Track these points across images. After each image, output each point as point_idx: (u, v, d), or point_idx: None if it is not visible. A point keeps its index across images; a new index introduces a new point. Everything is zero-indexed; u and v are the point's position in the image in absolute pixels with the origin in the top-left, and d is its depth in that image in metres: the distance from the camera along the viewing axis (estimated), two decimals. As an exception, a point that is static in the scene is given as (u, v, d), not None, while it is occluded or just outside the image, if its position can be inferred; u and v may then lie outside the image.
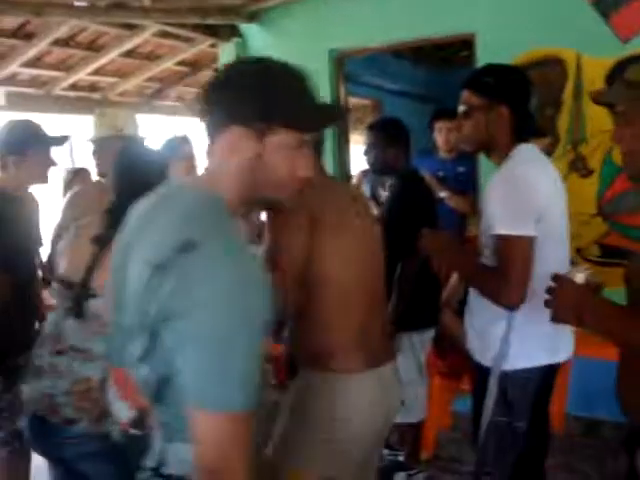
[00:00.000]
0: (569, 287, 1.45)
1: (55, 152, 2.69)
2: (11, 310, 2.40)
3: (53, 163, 2.63)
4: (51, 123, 5.94)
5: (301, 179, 1.22)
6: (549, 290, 1.50)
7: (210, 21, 4.72)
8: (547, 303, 1.49)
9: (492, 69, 2.16)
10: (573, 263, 1.59)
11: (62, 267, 2.05)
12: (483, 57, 3.97)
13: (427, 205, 3.10)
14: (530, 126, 2.09)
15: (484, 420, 2.08)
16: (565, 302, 1.46)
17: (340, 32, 4.57)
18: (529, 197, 1.92)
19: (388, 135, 3.13)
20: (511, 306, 1.93)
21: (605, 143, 3.64)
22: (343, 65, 4.79)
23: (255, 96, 1.17)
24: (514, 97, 2.05)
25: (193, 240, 1.05)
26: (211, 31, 4.95)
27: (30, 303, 2.58)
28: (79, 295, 1.93)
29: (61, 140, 2.67)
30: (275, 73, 1.23)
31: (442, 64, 6.91)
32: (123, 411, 1.24)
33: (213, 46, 5.41)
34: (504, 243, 1.92)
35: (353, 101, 6.14)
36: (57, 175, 4.21)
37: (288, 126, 1.17)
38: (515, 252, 1.89)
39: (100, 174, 2.83)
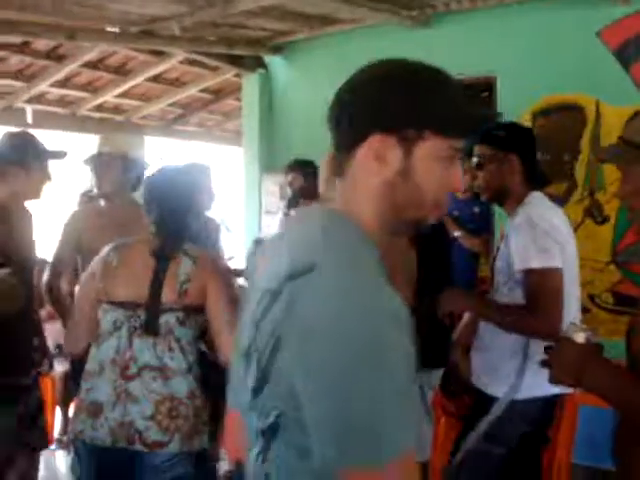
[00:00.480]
0: (569, 348, 1.41)
1: (54, 167, 2.63)
2: (12, 324, 2.23)
3: (49, 178, 2.56)
4: (74, 143, 6.06)
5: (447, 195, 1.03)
6: (547, 349, 1.46)
7: (236, 52, 4.82)
8: (544, 363, 1.45)
9: (501, 124, 2.32)
10: (571, 323, 1.56)
11: (114, 288, 1.98)
12: (503, 99, 4.02)
13: (441, 245, 3.10)
14: (538, 174, 2.25)
15: (467, 443, 2.18)
16: (565, 364, 1.41)
17: (363, 68, 4.64)
18: (553, 234, 2.06)
19: None
20: (550, 336, 1.92)
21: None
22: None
23: (405, 97, 0.98)
24: (523, 147, 2.21)
25: (309, 263, 0.91)
26: (236, 61, 5.06)
27: (30, 318, 2.46)
28: (152, 312, 1.92)
29: (59, 155, 2.64)
30: (425, 72, 1.05)
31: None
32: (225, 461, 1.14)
33: (237, 76, 5.51)
34: (537, 276, 2.02)
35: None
36: (72, 197, 4.25)
37: (442, 132, 0.97)
38: (550, 283, 2.01)
39: (102, 195, 2.82)
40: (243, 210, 5.46)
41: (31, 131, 2.80)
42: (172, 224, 2.02)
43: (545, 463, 3.18)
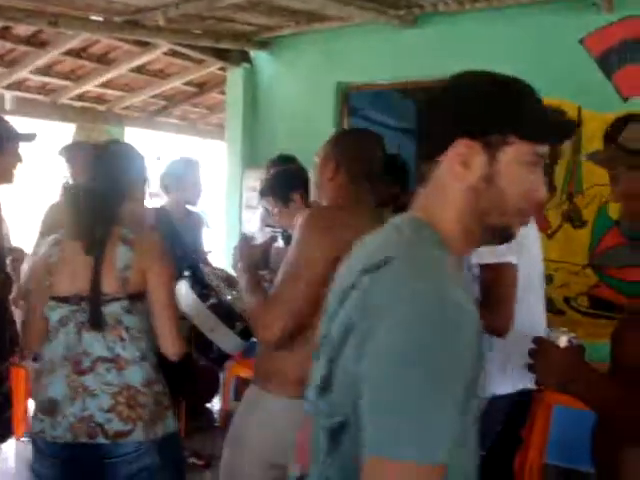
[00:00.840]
0: (553, 352, 1.42)
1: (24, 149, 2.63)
2: None
3: (20, 160, 2.57)
4: (55, 131, 5.98)
5: (535, 202, 1.02)
6: (531, 353, 1.47)
7: (221, 45, 4.79)
8: (530, 367, 1.46)
9: None
10: (550, 327, 1.57)
11: (58, 284, 1.92)
12: (487, 103, 4.04)
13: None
14: None
15: None
16: (549, 367, 1.41)
17: (348, 66, 4.65)
18: None
19: (390, 171, 3.16)
20: (501, 333, 2.00)
21: (600, 196, 3.70)
22: (349, 99, 4.86)
23: (490, 103, 1.00)
24: None
25: (383, 258, 0.92)
26: (221, 55, 5.03)
27: (3, 307, 2.40)
28: (95, 304, 1.86)
29: (30, 137, 2.62)
30: (508, 80, 1.06)
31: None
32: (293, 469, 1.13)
33: (222, 69, 5.48)
34: (491, 272, 2.02)
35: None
36: (56, 187, 4.20)
37: (528, 137, 0.98)
38: (502, 279, 2.01)
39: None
40: (224, 205, 5.43)
41: (10, 118, 2.76)
42: (99, 207, 1.94)
43: (517, 464, 3.21)
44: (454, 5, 4.02)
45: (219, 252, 5.02)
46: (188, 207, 3.56)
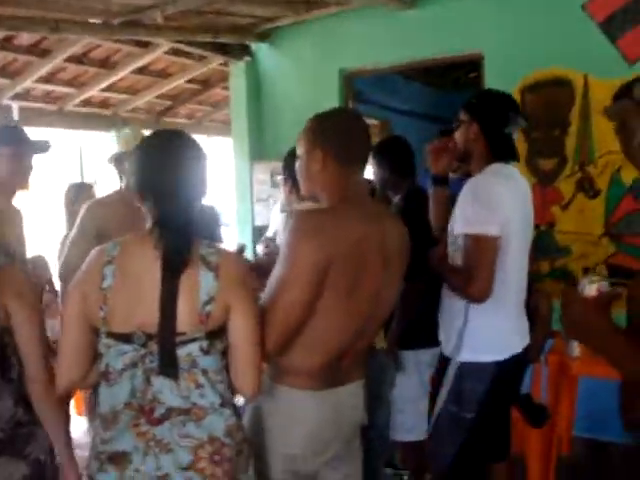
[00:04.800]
0: (575, 304, 1.42)
1: (39, 159, 2.66)
2: None
3: (31, 167, 2.55)
4: (63, 138, 6.02)
5: None
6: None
7: (221, 40, 4.79)
8: (560, 319, 1.46)
9: (485, 92, 2.46)
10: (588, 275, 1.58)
11: (115, 316, 1.51)
12: (490, 77, 4.01)
13: (424, 222, 3.09)
14: (504, 149, 2.30)
15: (437, 407, 2.29)
16: (571, 320, 1.43)
17: (350, 52, 4.63)
18: (494, 204, 2.13)
19: (393, 155, 3.14)
20: (477, 299, 2.12)
21: (613, 164, 3.66)
22: (353, 84, 4.84)
23: None
24: (485, 117, 2.28)
25: None
26: (222, 50, 5.02)
27: None
28: (167, 347, 1.51)
29: (45, 146, 2.65)
30: None
31: (451, 85, 6.96)
32: None
33: (224, 65, 5.48)
34: (471, 241, 2.12)
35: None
36: (60, 189, 4.23)
37: None
38: (481, 249, 2.10)
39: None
40: (235, 200, 5.44)
41: (18, 128, 2.81)
42: (182, 216, 1.53)
43: (546, 435, 3.21)
44: (452, -18, 3.99)
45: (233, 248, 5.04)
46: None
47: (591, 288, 1.41)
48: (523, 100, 3.91)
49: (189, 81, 6.14)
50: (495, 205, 2.14)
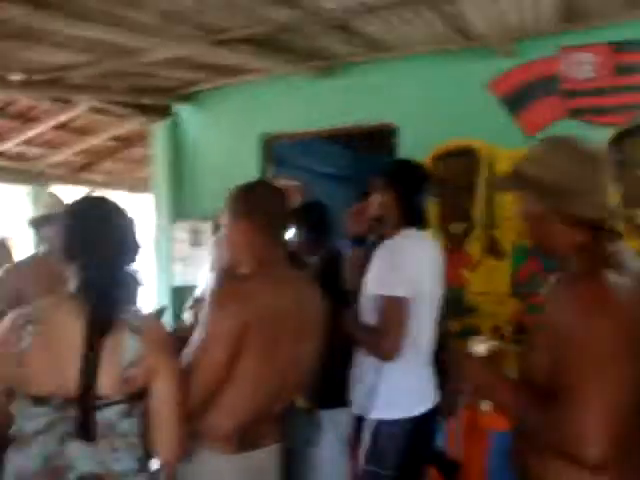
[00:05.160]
0: (467, 361, 1.55)
1: None
2: None
3: None
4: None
5: None
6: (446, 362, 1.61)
7: (144, 101, 4.84)
8: (447, 376, 1.59)
9: (402, 162, 2.62)
10: (475, 334, 1.72)
11: (32, 379, 1.47)
12: (404, 146, 4.24)
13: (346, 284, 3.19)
14: (416, 215, 2.46)
15: (359, 468, 2.35)
16: (463, 376, 1.55)
17: (270, 117, 4.78)
18: (405, 267, 2.26)
19: (310, 219, 3.24)
20: (388, 357, 2.22)
21: (515, 228, 3.91)
22: (272, 148, 4.98)
23: None
24: (402, 185, 2.44)
25: None
26: (143, 109, 5.07)
27: None
28: (86, 411, 1.47)
29: None
30: None
31: (371, 149, 7.24)
32: None
33: (146, 123, 5.52)
34: (382, 302, 2.24)
35: (281, 182, 6.30)
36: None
37: None
38: (392, 309, 2.22)
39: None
40: (154, 258, 5.39)
41: None
42: (110, 281, 1.55)
43: (459, 492, 3.29)
44: (368, 55, 4.23)
45: (150, 307, 4.97)
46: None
47: (480, 347, 1.53)
48: (435, 168, 4.14)
49: (110, 138, 6.13)
50: (405, 268, 2.26)
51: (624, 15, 3.61)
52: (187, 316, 2.99)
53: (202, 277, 4.02)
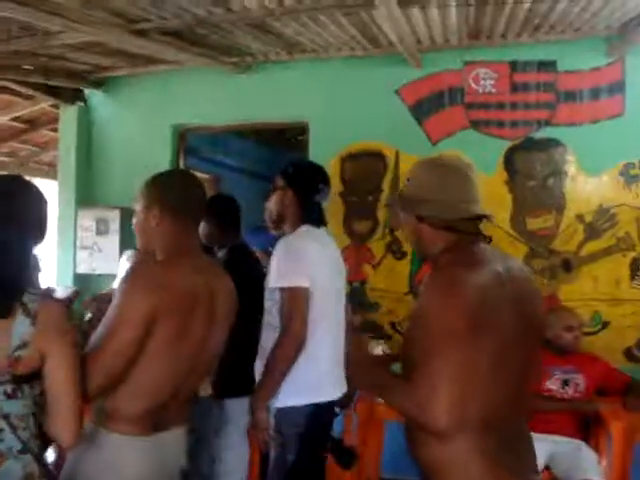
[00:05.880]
0: (360, 359, 1.72)
1: None
2: None
3: None
4: None
5: None
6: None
7: (53, 82, 4.71)
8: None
9: (299, 163, 2.75)
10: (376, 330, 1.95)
11: None
12: (315, 143, 4.38)
13: (253, 278, 3.27)
14: (314, 214, 2.59)
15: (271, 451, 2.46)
16: (356, 373, 1.75)
17: (184, 108, 4.78)
18: (303, 260, 2.39)
19: (219, 211, 3.29)
20: (295, 344, 2.34)
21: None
22: (186, 139, 4.98)
23: None
24: (300, 186, 2.57)
25: None
26: (53, 92, 4.92)
27: None
28: None
29: None
30: None
31: (283, 145, 7.35)
32: None
33: (54, 106, 5.37)
34: (284, 294, 2.36)
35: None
36: None
37: None
38: (294, 300, 2.35)
39: None
40: (56, 245, 5.26)
41: None
42: (15, 264, 1.55)
43: (356, 477, 3.45)
44: (284, 55, 4.33)
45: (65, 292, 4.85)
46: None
47: (377, 349, 1.78)
48: (343, 167, 4.31)
49: (14, 119, 5.90)
50: (303, 261, 2.39)
51: (523, 37, 3.90)
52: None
53: (122, 265, 3.99)
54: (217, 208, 3.26)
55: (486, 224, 1.73)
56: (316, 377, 2.45)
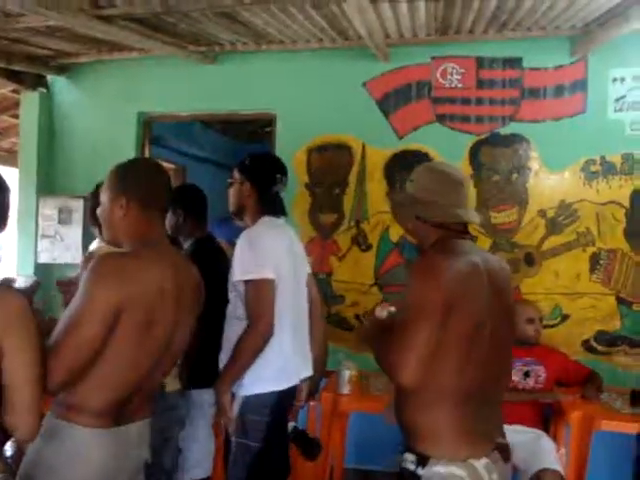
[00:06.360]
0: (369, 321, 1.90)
1: None
2: None
3: None
4: None
5: None
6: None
7: (14, 67, 4.60)
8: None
9: (256, 155, 2.75)
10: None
11: None
12: (282, 134, 4.37)
13: (219, 270, 3.26)
14: (273, 204, 2.64)
15: (232, 440, 2.49)
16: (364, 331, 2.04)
17: (150, 97, 4.72)
18: (266, 251, 2.44)
19: (185, 202, 3.26)
20: (264, 336, 2.38)
21: (383, 222, 4.17)
22: (151, 128, 4.92)
23: None
24: (258, 178, 2.62)
25: None
26: (14, 76, 4.79)
27: None
28: None
29: None
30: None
31: (248, 137, 7.32)
32: None
33: (15, 92, 5.24)
34: (249, 286, 2.39)
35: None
36: None
37: None
38: (260, 291, 2.39)
39: None
40: (17, 234, 5.15)
41: None
42: None
43: (320, 467, 3.48)
44: (252, 45, 4.30)
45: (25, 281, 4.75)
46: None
47: (382, 313, 2.00)
48: (309, 159, 4.31)
49: (-28, 104, 5.75)
50: (264, 251, 2.42)
51: (490, 34, 3.95)
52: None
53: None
54: (183, 198, 3.23)
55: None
56: (281, 365, 2.49)
